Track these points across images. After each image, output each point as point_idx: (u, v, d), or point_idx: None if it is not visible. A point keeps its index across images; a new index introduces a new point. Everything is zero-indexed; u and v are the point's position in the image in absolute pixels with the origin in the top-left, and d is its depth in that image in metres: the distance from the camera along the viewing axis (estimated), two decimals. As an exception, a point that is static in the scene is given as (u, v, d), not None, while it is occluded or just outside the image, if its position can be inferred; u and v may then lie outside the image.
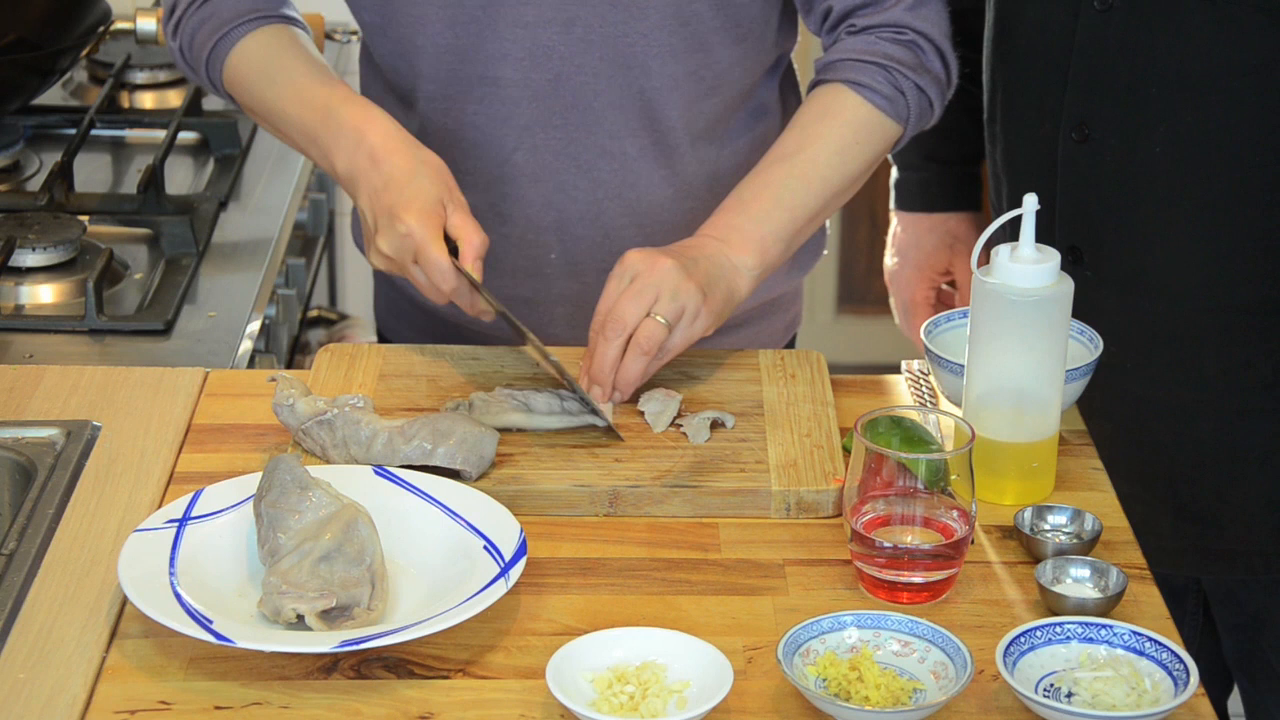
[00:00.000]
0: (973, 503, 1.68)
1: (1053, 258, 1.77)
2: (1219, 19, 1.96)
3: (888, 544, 1.66)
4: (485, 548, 1.68)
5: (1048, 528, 1.76)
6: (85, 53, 2.87)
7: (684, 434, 1.88)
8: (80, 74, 3.01)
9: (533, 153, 2.07)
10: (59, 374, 2.02)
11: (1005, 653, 1.55)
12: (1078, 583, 1.69)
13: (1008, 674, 1.53)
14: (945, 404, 1.96)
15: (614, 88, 2.03)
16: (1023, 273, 1.76)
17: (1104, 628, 1.59)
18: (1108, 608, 1.65)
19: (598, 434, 1.88)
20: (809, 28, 2.08)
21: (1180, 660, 1.55)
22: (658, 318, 1.85)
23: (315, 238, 2.97)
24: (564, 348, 2.02)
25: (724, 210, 1.96)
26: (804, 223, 1.97)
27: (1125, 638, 1.58)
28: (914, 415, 1.76)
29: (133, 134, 2.81)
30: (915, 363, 2.04)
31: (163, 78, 2.96)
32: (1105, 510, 1.81)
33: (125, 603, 1.64)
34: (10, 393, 1.98)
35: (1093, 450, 1.91)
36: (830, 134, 1.97)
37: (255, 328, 2.32)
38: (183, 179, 2.67)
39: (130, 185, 2.66)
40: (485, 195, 2.09)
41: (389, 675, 1.58)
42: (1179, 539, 2.11)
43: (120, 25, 2.97)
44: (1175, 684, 1.54)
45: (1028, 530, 1.75)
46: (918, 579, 1.67)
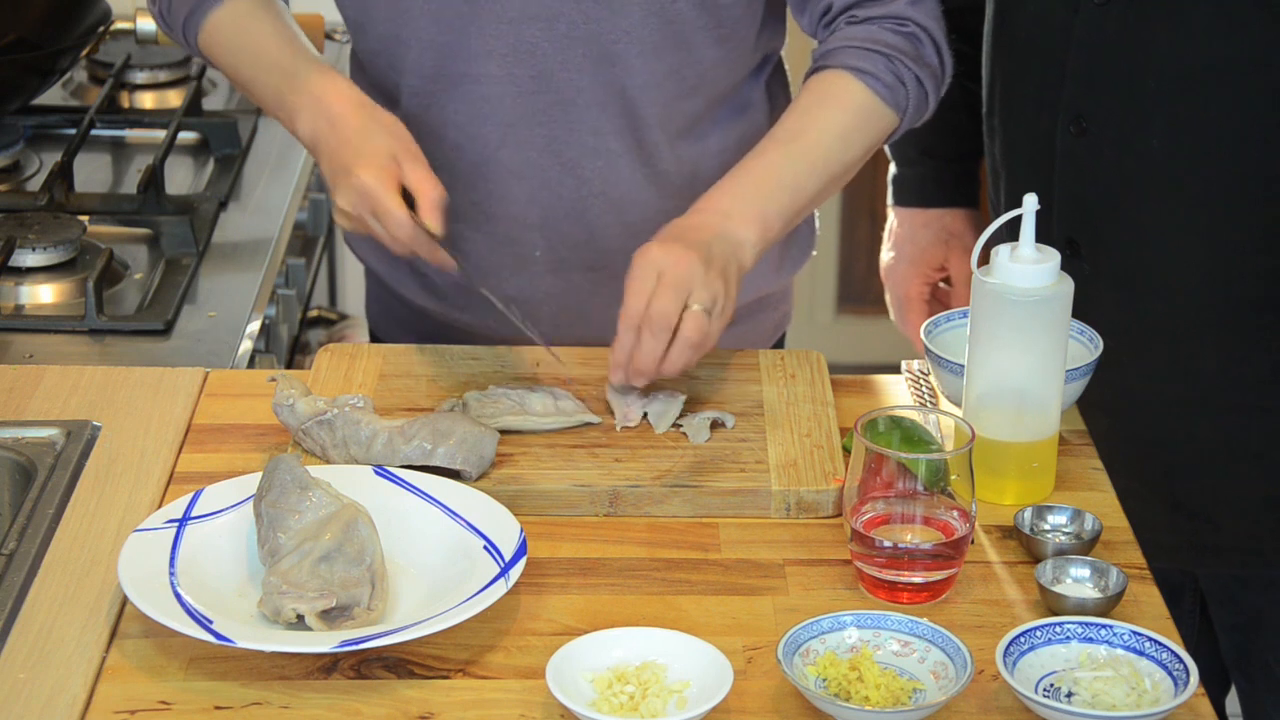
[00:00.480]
0: (973, 503, 1.68)
1: (1053, 258, 1.77)
2: (1217, 13, 1.96)
3: (888, 544, 1.66)
4: (485, 548, 1.68)
5: (1048, 528, 1.76)
6: (85, 53, 2.87)
7: (684, 434, 1.88)
8: (80, 74, 3.01)
9: (516, 149, 2.06)
10: (59, 374, 2.02)
11: (1005, 653, 1.55)
12: (1078, 583, 1.69)
13: (1008, 674, 1.53)
14: (945, 404, 1.96)
15: (596, 85, 2.03)
16: (1023, 273, 1.76)
17: (1104, 628, 1.59)
18: (1108, 608, 1.65)
19: (598, 434, 1.88)
20: (802, 26, 2.07)
21: (1180, 660, 1.55)
22: (695, 307, 1.84)
23: (315, 238, 2.97)
24: (558, 347, 2.02)
25: (725, 187, 1.94)
26: (804, 204, 1.96)
27: (1125, 638, 1.58)
28: (914, 415, 1.76)
29: (133, 134, 2.81)
30: (915, 363, 2.04)
31: (163, 78, 2.96)
32: (1105, 510, 1.80)
33: (125, 603, 1.64)
34: (10, 393, 1.98)
35: (1093, 450, 1.91)
36: (832, 118, 1.97)
37: (255, 328, 2.32)
38: (183, 179, 2.67)
39: (130, 185, 2.65)
40: (469, 192, 2.09)
41: (389, 675, 1.58)
42: (1174, 534, 2.11)
43: (120, 25, 2.97)
44: (1175, 684, 1.54)
45: (1028, 530, 1.75)
46: (918, 579, 1.67)
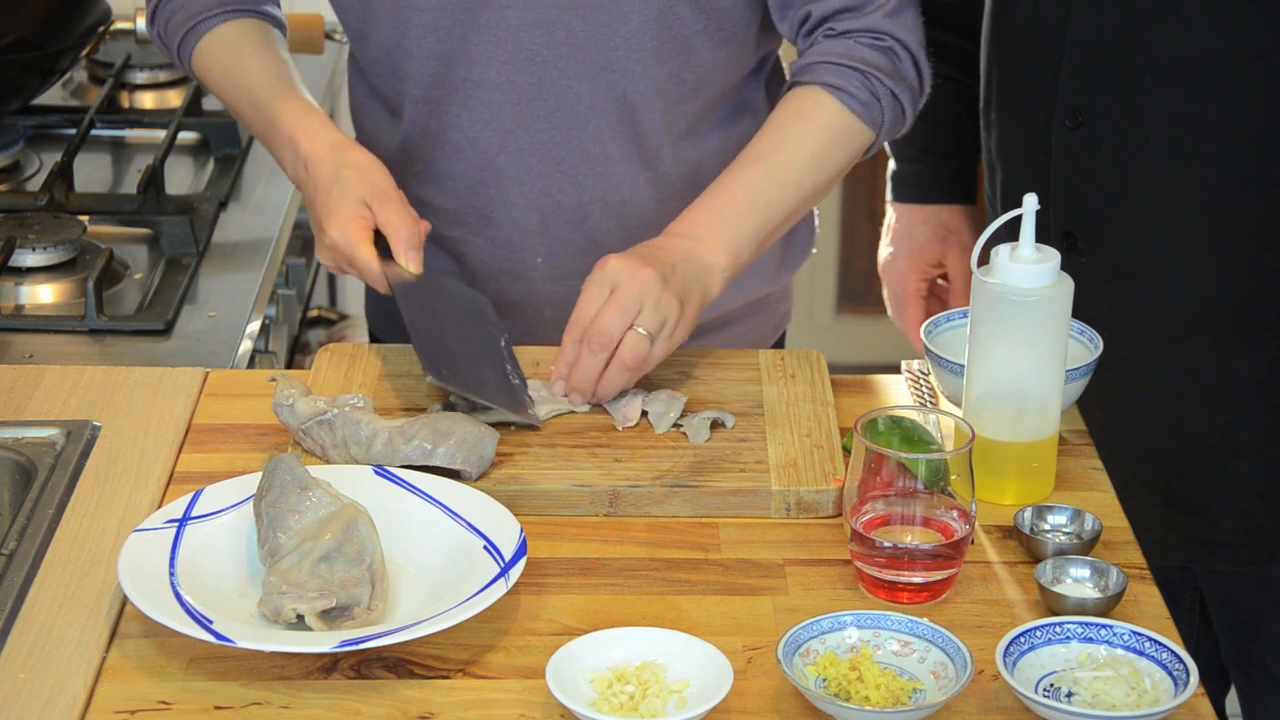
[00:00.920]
0: (973, 503, 1.68)
1: (1053, 258, 1.77)
2: (1213, 7, 1.96)
3: (888, 544, 1.66)
4: (485, 548, 1.68)
5: (1048, 528, 1.76)
6: (85, 53, 2.87)
7: (684, 434, 1.88)
8: (80, 74, 3.01)
9: (516, 155, 2.07)
10: (59, 374, 2.02)
11: (1005, 653, 1.55)
12: (1078, 583, 1.68)
13: (1008, 674, 1.53)
14: (945, 404, 1.96)
15: (596, 91, 2.03)
16: (1023, 273, 1.76)
17: (1104, 628, 1.59)
18: (1108, 608, 1.65)
19: (598, 434, 1.88)
20: (783, 33, 2.07)
21: (1180, 660, 1.55)
22: (640, 330, 1.85)
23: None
24: (550, 347, 2.02)
25: (696, 209, 1.95)
26: (776, 224, 1.96)
27: (1125, 638, 1.58)
28: (914, 415, 1.76)
29: (133, 134, 2.81)
30: (915, 363, 2.04)
31: (163, 78, 2.96)
32: (1105, 510, 1.80)
33: (125, 603, 1.64)
34: (10, 393, 1.98)
35: (1093, 450, 1.91)
36: (806, 137, 1.97)
37: (255, 328, 2.32)
38: (183, 179, 2.67)
39: (130, 185, 2.65)
40: (470, 198, 2.09)
41: (389, 675, 1.57)
42: (1169, 529, 2.11)
43: (120, 25, 2.97)
44: (1175, 684, 1.54)
45: (1028, 530, 1.75)
46: (918, 579, 1.67)
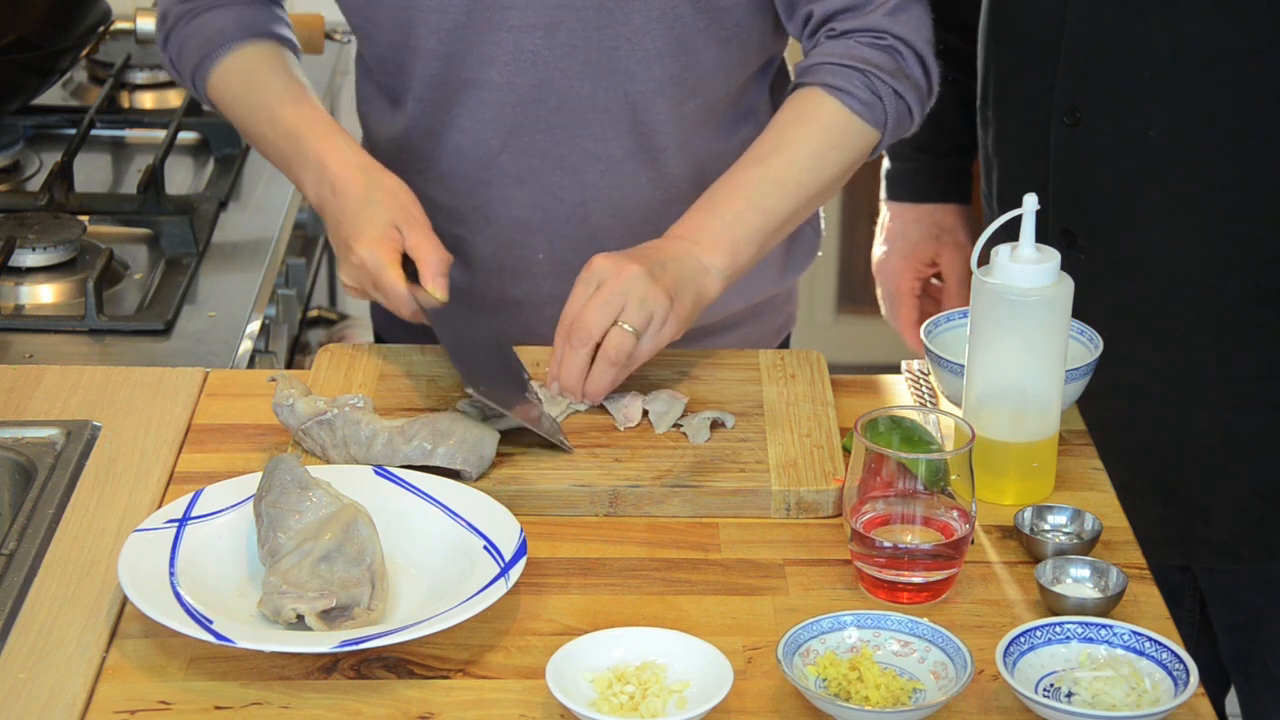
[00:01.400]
0: (973, 503, 1.68)
1: (1053, 258, 1.77)
2: (1212, 3, 1.96)
3: (888, 544, 1.66)
4: (485, 548, 1.68)
5: (1048, 528, 1.76)
6: (85, 53, 2.88)
7: (684, 434, 1.88)
8: (80, 74, 3.01)
9: (518, 155, 2.07)
10: (59, 374, 2.02)
11: (1005, 653, 1.55)
12: (1078, 583, 1.68)
13: (1008, 674, 1.53)
14: (945, 404, 1.96)
15: (599, 91, 2.03)
16: (1023, 273, 1.76)
17: (1104, 628, 1.59)
18: (1108, 608, 1.65)
19: (598, 434, 1.88)
20: (791, 33, 2.07)
21: (1180, 660, 1.55)
22: (625, 326, 1.84)
23: (315, 238, 2.97)
24: (547, 347, 2.02)
25: (696, 210, 1.95)
26: (777, 225, 1.96)
27: (1125, 638, 1.58)
28: (914, 415, 1.76)
29: (133, 134, 2.81)
30: (915, 363, 2.04)
31: (163, 78, 2.96)
32: (1105, 510, 1.80)
33: (125, 603, 1.64)
34: (10, 393, 1.98)
35: (1093, 450, 1.91)
36: (806, 137, 1.97)
37: (255, 328, 2.32)
38: (183, 179, 2.67)
39: (130, 185, 2.66)
40: (471, 197, 2.09)
41: (389, 675, 1.57)
42: (1168, 527, 2.11)
43: (120, 25, 2.97)
44: (1175, 684, 1.54)
45: (1028, 530, 1.75)
46: (918, 579, 1.67)
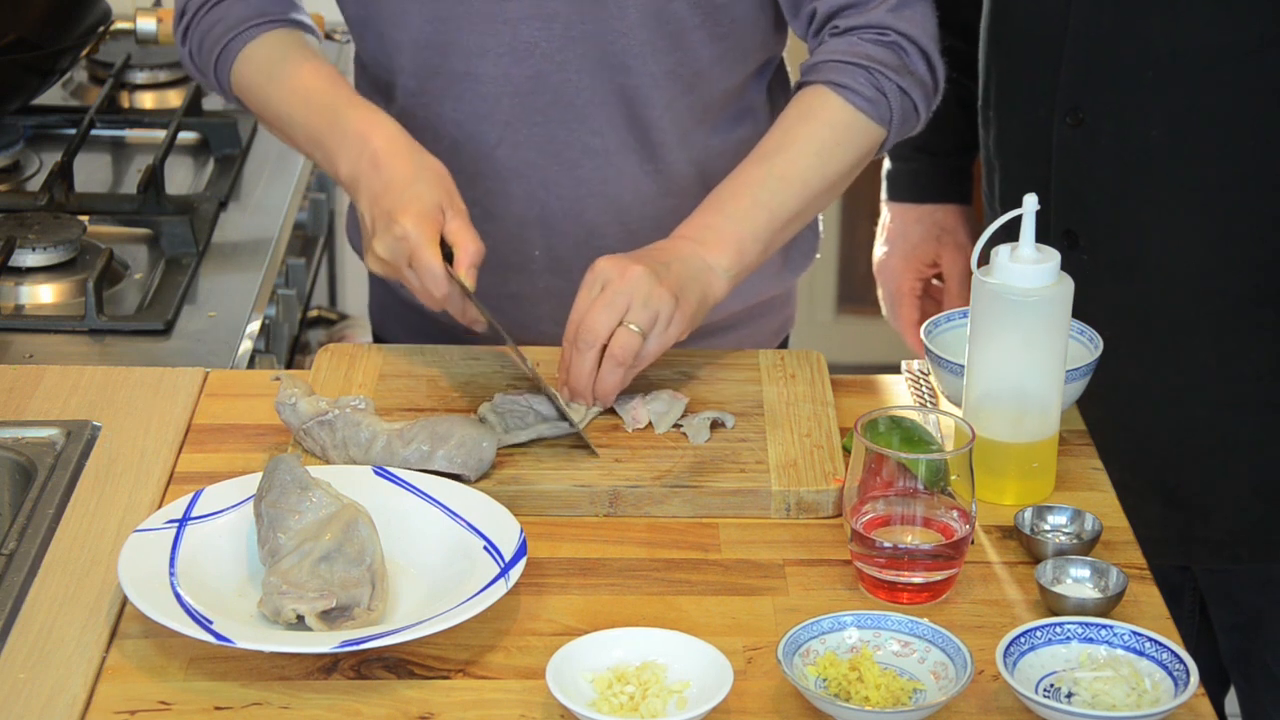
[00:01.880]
0: (973, 503, 1.68)
1: (1053, 258, 1.77)
2: (1213, 1, 1.96)
3: (888, 544, 1.66)
4: (485, 548, 1.68)
5: (1048, 528, 1.76)
6: (85, 53, 2.87)
7: (684, 434, 1.88)
8: (80, 74, 3.01)
9: (514, 149, 2.06)
10: (59, 374, 2.02)
11: (1005, 653, 1.55)
12: (1078, 583, 1.69)
13: (1008, 674, 1.53)
14: (945, 404, 1.96)
15: (594, 84, 2.03)
16: (1023, 273, 1.76)
17: (1104, 628, 1.59)
18: (1108, 608, 1.65)
19: (598, 434, 1.87)
20: (796, 32, 2.07)
21: (1180, 660, 1.55)
22: (631, 326, 1.84)
23: (315, 238, 2.97)
24: (546, 347, 2.02)
25: (702, 210, 1.95)
26: (783, 223, 1.95)
27: (1125, 638, 1.58)
28: (914, 415, 1.76)
29: (133, 134, 2.81)
30: (915, 363, 2.04)
31: (163, 78, 2.96)
32: (1105, 510, 1.80)
33: (125, 603, 1.64)
34: (10, 393, 1.98)
35: (1093, 450, 1.91)
36: (811, 135, 1.97)
37: (255, 328, 2.32)
38: (183, 179, 2.67)
39: (130, 185, 2.65)
40: (467, 191, 2.08)
41: (389, 675, 1.57)
42: (1167, 527, 2.11)
43: (120, 25, 2.97)
44: (1175, 684, 1.54)
45: (1028, 530, 1.75)
46: (918, 579, 1.67)
